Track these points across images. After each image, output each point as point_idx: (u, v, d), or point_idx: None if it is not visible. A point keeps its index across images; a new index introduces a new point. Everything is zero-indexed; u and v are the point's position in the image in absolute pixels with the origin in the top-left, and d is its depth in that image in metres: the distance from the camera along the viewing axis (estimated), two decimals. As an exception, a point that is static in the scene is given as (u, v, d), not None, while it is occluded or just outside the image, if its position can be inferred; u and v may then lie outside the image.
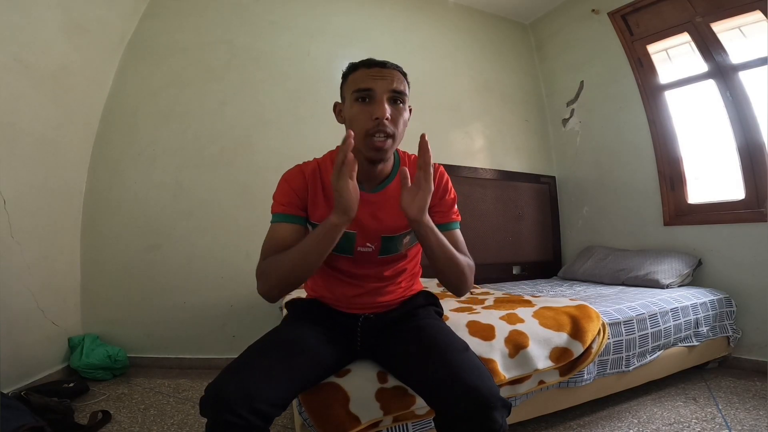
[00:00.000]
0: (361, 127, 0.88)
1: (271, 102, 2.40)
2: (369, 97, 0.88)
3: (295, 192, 0.94)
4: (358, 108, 0.89)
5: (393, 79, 0.90)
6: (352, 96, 0.90)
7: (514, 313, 1.38)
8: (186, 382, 1.93)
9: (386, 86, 0.89)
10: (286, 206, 0.93)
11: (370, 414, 0.95)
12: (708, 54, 2.16)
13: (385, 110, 0.87)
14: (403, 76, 0.94)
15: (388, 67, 0.91)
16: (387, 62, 0.92)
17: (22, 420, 1.20)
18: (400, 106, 0.91)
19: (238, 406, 0.66)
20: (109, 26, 2.14)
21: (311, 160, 1.01)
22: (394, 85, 0.89)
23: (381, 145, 0.88)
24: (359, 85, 0.89)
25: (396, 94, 0.90)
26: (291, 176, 0.96)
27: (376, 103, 0.88)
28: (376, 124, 0.86)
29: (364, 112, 0.88)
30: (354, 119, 0.90)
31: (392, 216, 0.95)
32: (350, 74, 0.93)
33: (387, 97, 0.89)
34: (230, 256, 2.24)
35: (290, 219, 0.93)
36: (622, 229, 2.65)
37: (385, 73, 0.90)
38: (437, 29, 2.92)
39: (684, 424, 1.39)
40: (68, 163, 2.05)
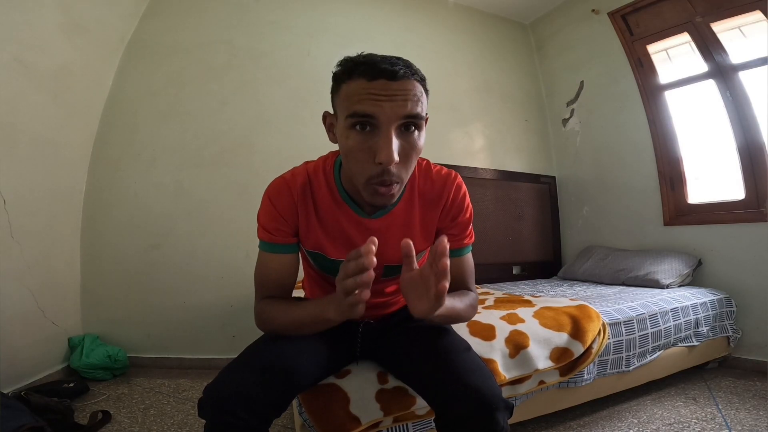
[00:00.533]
0: (359, 169, 0.69)
1: (271, 102, 2.40)
2: (370, 125, 0.66)
3: (281, 216, 0.80)
4: (356, 139, 0.67)
5: (407, 99, 0.65)
6: (345, 121, 0.67)
7: (514, 313, 1.38)
8: (186, 382, 1.92)
9: (395, 112, 0.65)
10: (272, 234, 0.80)
11: (371, 415, 0.95)
12: (708, 54, 2.16)
13: (393, 153, 0.64)
14: (421, 83, 0.70)
15: (399, 79, 0.65)
16: (397, 70, 0.65)
17: (22, 420, 1.20)
18: (414, 134, 0.69)
19: (236, 407, 0.66)
20: (109, 26, 2.14)
21: (300, 166, 0.85)
22: (407, 109, 0.65)
23: (385, 193, 0.69)
24: (355, 107, 0.65)
25: (409, 119, 0.67)
26: (276, 195, 0.80)
27: (381, 138, 0.65)
28: (380, 170, 0.67)
29: (362, 148, 0.67)
30: (350, 155, 0.69)
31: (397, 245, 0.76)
32: (344, 82, 0.68)
33: (396, 126, 0.66)
34: (230, 256, 2.24)
35: (278, 249, 0.81)
36: (622, 229, 2.65)
37: (395, 90, 0.65)
38: (437, 29, 2.92)
39: (684, 424, 1.39)
40: (68, 163, 2.05)
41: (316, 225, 0.82)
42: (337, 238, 0.84)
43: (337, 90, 0.71)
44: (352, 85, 0.67)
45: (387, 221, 0.83)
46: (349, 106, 0.67)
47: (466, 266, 0.90)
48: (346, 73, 0.68)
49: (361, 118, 0.66)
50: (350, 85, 0.67)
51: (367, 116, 0.65)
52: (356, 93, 0.66)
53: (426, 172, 0.86)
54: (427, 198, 0.85)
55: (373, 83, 0.65)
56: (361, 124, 0.66)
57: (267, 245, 0.82)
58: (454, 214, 0.86)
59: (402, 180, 0.71)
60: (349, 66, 0.68)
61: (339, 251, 0.84)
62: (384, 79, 0.65)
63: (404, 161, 0.69)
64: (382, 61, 0.66)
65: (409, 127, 0.68)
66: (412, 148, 0.69)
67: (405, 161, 0.69)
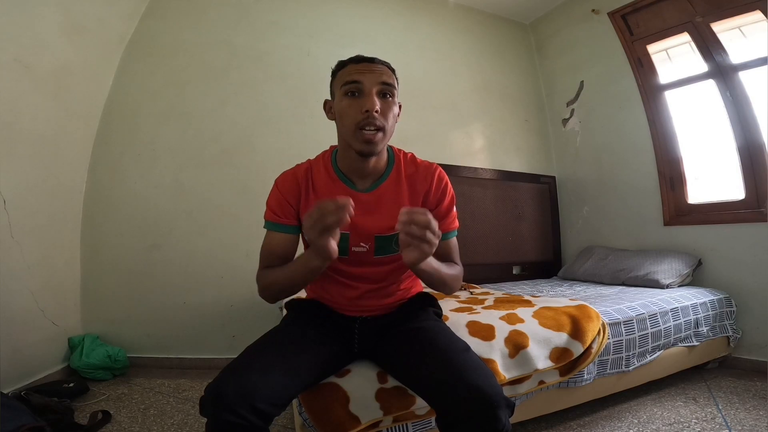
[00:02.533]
0: (351, 121, 0.88)
1: (271, 102, 2.40)
2: (358, 90, 0.88)
3: (287, 200, 0.94)
4: (348, 102, 0.89)
5: (382, 73, 0.90)
6: (341, 90, 0.90)
7: (514, 313, 1.38)
8: (186, 382, 1.93)
9: (375, 79, 0.89)
10: (278, 215, 0.94)
11: (370, 414, 0.96)
12: (708, 54, 2.16)
13: (375, 103, 0.87)
14: (392, 71, 0.94)
15: (376, 63, 0.92)
16: (375, 58, 0.93)
17: (22, 420, 1.20)
18: (390, 99, 0.91)
19: (237, 406, 0.66)
20: (109, 26, 2.14)
21: (305, 161, 1.00)
22: (383, 78, 0.89)
23: (371, 138, 0.87)
24: (347, 78, 0.89)
25: (385, 86, 0.89)
26: (283, 182, 0.96)
27: (365, 96, 0.88)
28: (366, 116, 0.86)
29: (353, 105, 0.88)
30: (343, 113, 0.90)
31: (386, 216, 0.94)
32: (339, 71, 0.93)
33: (376, 90, 0.88)
34: (230, 256, 2.24)
35: (281, 229, 0.94)
36: (622, 229, 2.65)
37: (374, 68, 0.90)
38: (437, 29, 2.92)
39: (684, 424, 1.39)
40: (68, 162, 2.05)
41: (313, 200, 0.94)
42: None
43: (334, 77, 0.95)
44: (345, 69, 0.92)
45: (377, 195, 0.95)
46: (343, 79, 0.90)
47: (453, 247, 1.01)
48: (341, 65, 0.94)
49: (351, 85, 0.89)
50: (344, 70, 0.92)
51: (355, 82, 0.88)
52: (348, 72, 0.90)
53: (411, 160, 1.02)
54: (413, 181, 0.99)
55: (359, 65, 0.91)
56: (351, 92, 0.89)
57: (272, 225, 0.94)
58: (437, 201, 0.99)
59: (383, 128, 0.88)
60: (343, 61, 0.94)
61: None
62: (366, 62, 0.91)
63: (384, 114, 0.89)
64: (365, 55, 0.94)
65: (385, 95, 0.90)
66: (389, 107, 0.90)
67: (384, 115, 0.89)
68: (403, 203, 0.96)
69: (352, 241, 0.94)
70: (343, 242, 0.92)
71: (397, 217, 0.88)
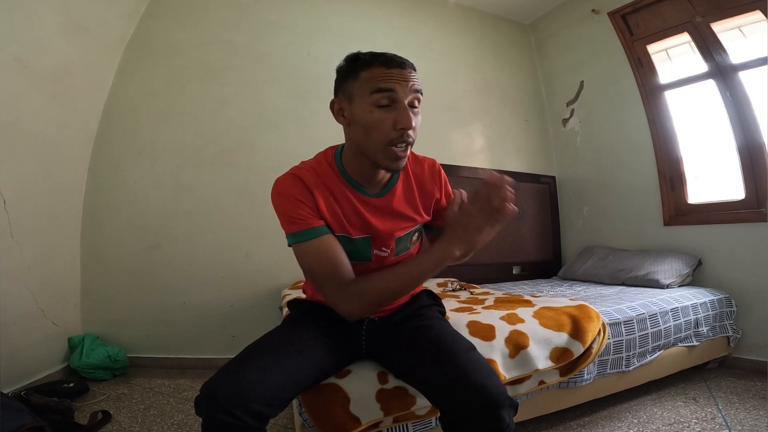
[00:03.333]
0: (383, 137, 0.80)
1: (271, 102, 2.40)
2: (391, 100, 0.80)
3: (305, 203, 0.84)
4: (380, 114, 0.80)
5: (414, 81, 0.82)
6: (369, 98, 0.80)
7: (514, 313, 1.38)
8: (186, 382, 1.93)
9: (408, 90, 0.80)
10: (311, 219, 0.83)
11: (371, 415, 0.95)
12: (708, 54, 2.16)
13: (411, 120, 0.80)
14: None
15: (407, 68, 0.82)
16: (406, 61, 0.83)
17: (22, 420, 1.20)
18: (418, 109, 0.84)
19: (232, 406, 0.66)
20: (109, 26, 2.14)
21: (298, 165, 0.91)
22: (416, 86, 0.82)
23: (402, 155, 0.82)
24: (380, 84, 0.79)
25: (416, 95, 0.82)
26: (290, 187, 0.85)
27: (400, 111, 0.80)
28: (400, 134, 0.80)
29: (386, 119, 0.80)
30: (374, 127, 0.80)
31: (400, 215, 0.94)
32: (363, 70, 0.81)
33: (409, 100, 0.81)
34: (230, 256, 2.24)
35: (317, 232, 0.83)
36: (622, 229, 2.65)
37: (406, 76, 0.81)
38: (437, 29, 2.92)
39: (684, 424, 1.39)
40: (68, 162, 2.05)
41: (336, 207, 0.88)
42: (353, 218, 0.90)
43: (355, 76, 0.82)
44: (374, 71, 0.80)
45: (389, 199, 0.92)
46: (373, 84, 0.80)
47: None
48: (366, 63, 0.82)
49: (385, 92, 0.79)
50: (372, 71, 0.81)
51: (389, 91, 0.79)
52: (379, 75, 0.80)
53: (415, 159, 1.00)
54: (420, 178, 0.97)
55: (391, 70, 0.81)
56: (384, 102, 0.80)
57: (310, 232, 0.82)
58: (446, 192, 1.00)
59: (413, 144, 0.84)
60: (368, 57, 0.82)
61: (357, 230, 0.90)
62: (398, 68, 0.81)
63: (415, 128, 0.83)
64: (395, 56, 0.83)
65: (414, 104, 0.83)
66: (418, 120, 0.84)
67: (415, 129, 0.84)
68: (416, 198, 0.96)
69: (374, 245, 0.92)
70: (365, 248, 0.91)
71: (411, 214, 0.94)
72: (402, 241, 0.95)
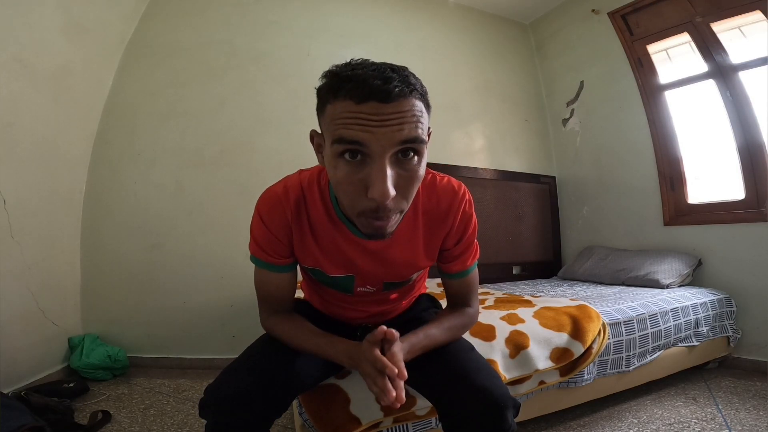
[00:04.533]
0: (351, 203, 0.61)
1: (271, 102, 2.40)
2: (360, 153, 0.56)
3: (276, 237, 0.75)
4: (344, 170, 0.58)
5: (402, 123, 0.55)
6: (332, 148, 0.58)
7: (514, 313, 1.38)
8: (186, 382, 1.92)
9: (390, 139, 0.55)
10: (268, 254, 0.76)
11: (371, 415, 0.95)
12: (708, 54, 2.16)
13: (388, 188, 0.55)
14: (422, 98, 0.59)
15: (394, 99, 0.54)
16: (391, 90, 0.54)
17: (22, 420, 1.20)
18: (413, 160, 0.59)
19: (237, 408, 0.66)
20: (109, 26, 2.14)
21: (293, 176, 0.79)
22: (404, 135, 0.55)
23: (382, 226, 0.61)
24: (341, 132, 0.55)
25: (407, 144, 0.57)
26: (269, 212, 0.74)
27: (373, 170, 0.56)
28: (373, 206, 0.58)
29: (352, 181, 0.58)
30: (340, 187, 0.60)
31: (397, 264, 0.80)
32: (329, 102, 0.58)
33: (391, 153, 0.56)
34: (230, 256, 2.24)
35: (276, 269, 0.78)
36: (622, 229, 2.65)
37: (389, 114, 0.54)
38: (437, 29, 2.91)
39: (684, 424, 1.39)
40: (68, 163, 2.05)
41: (313, 245, 0.77)
42: (335, 257, 0.79)
43: (322, 110, 0.61)
44: (338, 107, 0.56)
45: (387, 241, 0.75)
46: (334, 130, 0.56)
47: (471, 282, 0.87)
48: (332, 92, 0.57)
49: (348, 145, 0.56)
50: (336, 106, 0.57)
51: (355, 143, 0.55)
52: (342, 117, 0.55)
53: (431, 187, 0.77)
54: (433, 216, 0.78)
55: (361, 106, 0.54)
56: (351, 152, 0.56)
57: (263, 264, 0.78)
58: (460, 236, 0.80)
59: (402, 210, 0.63)
60: (335, 83, 0.57)
61: (338, 269, 0.81)
62: (375, 101, 0.54)
63: (403, 192, 0.60)
64: (374, 76, 0.54)
65: (407, 153, 0.58)
66: (411, 177, 0.59)
67: (404, 192, 0.60)
68: (417, 244, 0.79)
69: (358, 283, 0.83)
70: (347, 283, 0.83)
71: (411, 261, 0.80)
72: (393, 285, 0.86)
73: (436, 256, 0.84)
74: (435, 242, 0.81)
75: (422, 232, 0.79)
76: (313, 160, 0.88)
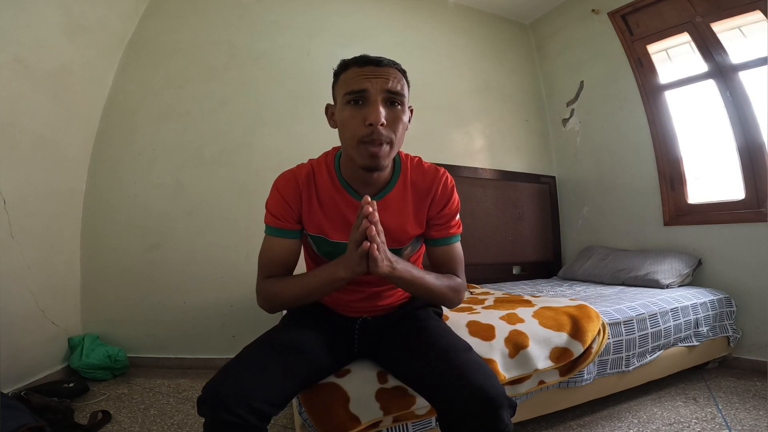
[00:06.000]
0: (353, 134, 0.81)
1: (270, 102, 2.40)
2: (362, 99, 0.81)
3: (287, 203, 0.89)
4: (350, 112, 0.81)
5: (389, 78, 0.82)
6: (343, 98, 0.82)
7: (514, 313, 1.38)
8: (186, 382, 1.93)
9: (381, 86, 0.80)
10: (279, 219, 0.89)
11: (371, 414, 0.95)
12: (708, 54, 2.16)
13: (380, 114, 0.79)
14: (402, 74, 0.86)
15: (384, 65, 0.83)
16: (382, 59, 0.84)
17: (22, 420, 1.20)
18: (398, 108, 0.83)
19: (235, 406, 0.66)
20: (109, 26, 2.14)
21: (305, 162, 0.95)
22: (389, 85, 0.81)
23: (376, 152, 0.80)
24: (351, 86, 0.81)
25: (392, 95, 0.81)
26: (283, 184, 0.90)
27: (370, 106, 0.80)
28: (369, 131, 0.79)
29: (356, 116, 0.80)
30: (345, 124, 0.82)
31: (394, 227, 0.90)
32: (342, 73, 0.85)
33: (382, 98, 0.81)
34: (230, 256, 2.24)
35: (283, 234, 0.89)
36: (622, 229, 2.65)
37: (380, 72, 0.81)
38: (437, 29, 2.91)
39: (684, 424, 1.39)
40: (68, 163, 2.05)
41: (318, 209, 0.90)
42: (336, 221, 0.90)
43: (336, 80, 0.86)
44: (348, 73, 0.83)
45: (382, 205, 0.88)
46: (345, 87, 0.82)
47: (455, 254, 0.97)
48: (344, 67, 0.85)
49: (355, 94, 0.81)
50: (347, 73, 0.83)
51: (359, 92, 0.80)
52: (351, 77, 0.82)
53: (418, 165, 0.96)
54: (419, 188, 0.94)
55: (363, 68, 0.82)
56: (355, 100, 0.81)
57: (273, 230, 0.89)
58: (442, 205, 0.94)
59: (391, 141, 0.82)
60: (346, 62, 0.85)
61: (339, 233, 0.90)
62: (372, 66, 0.82)
63: (391, 126, 0.81)
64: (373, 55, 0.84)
65: (393, 103, 0.82)
66: (397, 117, 0.82)
67: (392, 126, 0.81)
68: (407, 212, 0.93)
69: None
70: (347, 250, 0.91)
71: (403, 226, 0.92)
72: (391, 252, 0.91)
73: (424, 224, 0.96)
74: (422, 211, 0.94)
75: (411, 201, 0.94)
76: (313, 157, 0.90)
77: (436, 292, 0.89)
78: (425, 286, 0.86)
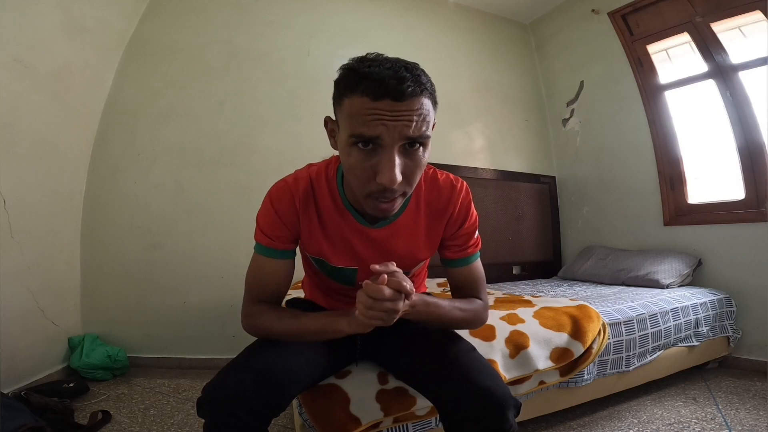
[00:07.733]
0: (360, 184, 0.67)
1: (270, 102, 2.40)
2: (373, 144, 0.64)
3: (283, 223, 0.79)
4: (357, 157, 0.65)
5: (412, 119, 0.62)
6: (348, 139, 0.65)
7: (514, 313, 1.38)
8: (186, 382, 1.93)
9: (400, 133, 0.62)
10: (272, 239, 0.79)
11: (371, 415, 0.95)
12: (708, 54, 2.16)
13: (395, 175, 0.63)
14: (430, 98, 0.66)
15: (406, 99, 0.61)
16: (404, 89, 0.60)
17: (22, 420, 1.20)
18: (419, 152, 0.66)
19: (234, 407, 0.66)
20: (109, 26, 2.14)
21: (303, 169, 0.84)
22: (411, 131, 0.62)
23: (387, 208, 0.69)
24: (358, 128, 0.62)
25: (414, 139, 0.64)
26: (278, 200, 0.79)
27: (384, 159, 0.63)
28: (380, 189, 0.65)
29: (364, 167, 0.65)
30: (351, 172, 0.67)
31: (401, 253, 0.83)
32: (347, 96, 0.64)
33: (400, 146, 0.64)
34: (230, 256, 2.24)
35: (276, 254, 0.81)
36: (622, 229, 2.65)
37: (401, 111, 0.61)
38: (437, 29, 2.92)
39: (684, 424, 1.39)
40: (68, 163, 2.05)
41: (319, 232, 0.82)
42: (340, 247, 0.83)
43: (339, 101, 0.67)
44: (355, 102, 0.62)
45: (390, 231, 0.82)
46: (352, 125, 0.63)
47: (475, 275, 0.89)
48: (350, 87, 0.63)
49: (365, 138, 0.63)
50: (353, 101, 0.63)
51: (372, 139, 0.63)
52: (360, 113, 0.62)
53: (432, 181, 0.85)
54: (434, 208, 0.84)
55: (377, 103, 0.61)
56: (364, 142, 0.64)
57: (264, 249, 0.81)
58: (459, 224, 0.86)
59: (406, 193, 0.70)
60: (353, 79, 0.63)
61: (341, 259, 0.84)
62: (390, 100, 0.61)
63: (407, 179, 0.67)
64: (390, 75, 0.61)
65: (414, 145, 0.65)
66: (416, 165, 0.67)
67: (408, 178, 0.67)
68: (419, 235, 0.85)
69: (360, 276, 0.85)
70: (349, 276, 0.86)
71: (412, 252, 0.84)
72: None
73: (437, 246, 0.88)
74: (436, 233, 0.86)
75: (424, 224, 0.84)
76: (313, 158, 0.89)
77: (455, 324, 0.85)
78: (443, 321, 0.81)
